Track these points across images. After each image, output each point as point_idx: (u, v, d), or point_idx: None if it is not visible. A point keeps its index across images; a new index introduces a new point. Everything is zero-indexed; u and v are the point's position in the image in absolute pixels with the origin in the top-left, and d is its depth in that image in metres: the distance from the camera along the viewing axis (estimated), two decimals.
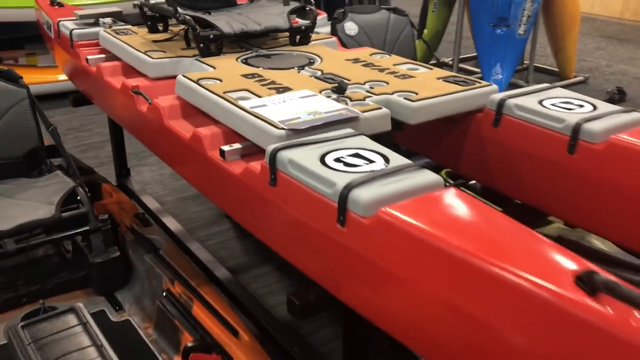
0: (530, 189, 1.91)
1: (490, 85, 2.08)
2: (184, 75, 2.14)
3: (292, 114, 1.75)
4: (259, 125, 1.71)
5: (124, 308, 2.21)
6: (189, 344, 1.77)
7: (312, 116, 1.74)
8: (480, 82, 2.08)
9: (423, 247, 1.22)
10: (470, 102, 2.01)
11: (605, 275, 1.03)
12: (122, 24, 3.03)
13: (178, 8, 2.40)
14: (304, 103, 1.85)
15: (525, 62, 6.47)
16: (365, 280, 1.38)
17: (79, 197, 2.29)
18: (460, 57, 6.17)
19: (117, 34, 2.76)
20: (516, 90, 2.04)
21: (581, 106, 1.90)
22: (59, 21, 3.09)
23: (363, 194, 1.34)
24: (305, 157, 1.52)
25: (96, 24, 3.03)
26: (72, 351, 1.67)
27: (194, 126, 2.01)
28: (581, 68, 6.76)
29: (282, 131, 1.65)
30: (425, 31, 6.15)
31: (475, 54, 6.03)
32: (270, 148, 1.57)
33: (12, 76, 2.50)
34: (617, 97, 1.99)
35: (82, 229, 2.23)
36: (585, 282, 1.03)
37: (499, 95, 1.99)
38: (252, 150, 1.80)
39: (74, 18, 3.08)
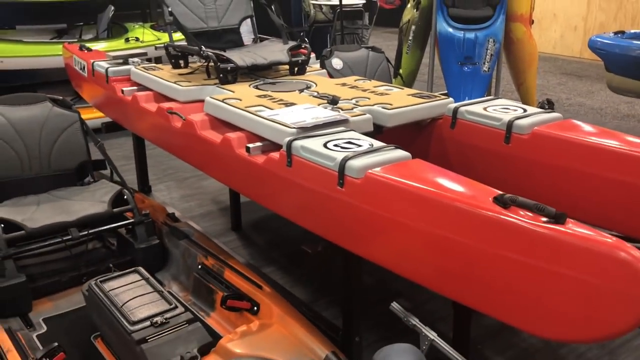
0: (479, 171, 2.51)
1: (448, 97, 2.72)
2: (211, 97, 2.76)
3: (299, 119, 2.36)
4: (276, 127, 2.32)
5: (164, 284, 2.74)
6: (226, 294, 2.33)
7: (314, 120, 2.35)
8: (439, 96, 2.72)
9: (397, 192, 1.82)
10: (433, 110, 2.65)
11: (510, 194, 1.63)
12: (147, 62, 3.66)
13: (202, 46, 3.03)
14: (307, 112, 2.46)
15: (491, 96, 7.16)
16: (359, 224, 1.96)
17: (125, 197, 2.86)
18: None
19: (147, 69, 3.38)
20: (467, 101, 2.68)
21: (515, 110, 2.54)
22: (94, 62, 3.71)
23: (355, 163, 1.94)
24: (312, 144, 2.12)
25: (125, 63, 3.65)
26: (141, 294, 2.19)
27: (221, 134, 2.61)
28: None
29: (294, 129, 2.26)
30: (401, 71, 6.85)
31: (446, 91, 6.72)
32: (286, 139, 2.18)
33: (66, 103, 3.09)
34: (547, 106, 2.62)
35: (130, 221, 2.79)
36: (499, 200, 1.63)
37: (454, 105, 2.63)
38: (269, 148, 2.40)
39: (107, 59, 3.70)
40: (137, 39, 6.50)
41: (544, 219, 1.53)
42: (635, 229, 2.16)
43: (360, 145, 2.10)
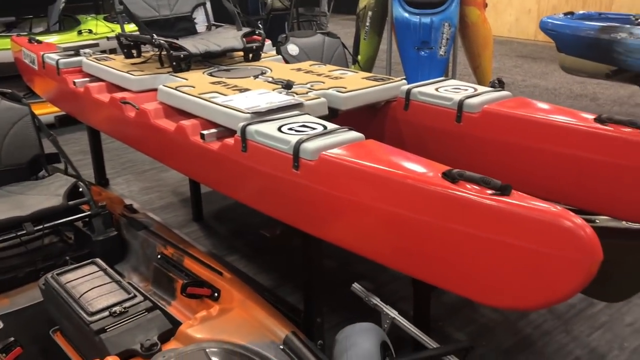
0: (432, 151, 2.56)
1: (401, 80, 2.75)
2: (164, 85, 2.73)
3: (253, 104, 2.36)
4: (230, 112, 2.32)
5: (124, 276, 2.72)
6: (185, 282, 2.32)
7: (268, 104, 2.36)
8: (393, 78, 2.75)
9: (351, 172, 1.85)
10: (386, 92, 2.68)
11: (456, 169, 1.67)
12: (99, 53, 3.60)
13: (154, 35, 2.99)
14: (261, 97, 2.46)
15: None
16: (315, 206, 1.98)
17: (80, 190, 2.81)
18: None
19: (99, 60, 3.33)
20: (419, 83, 2.72)
21: (466, 89, 2.59)
22: (44, 54, 3.63)
23: (309, 145, 1.96)
24: (266, 128, 2.13)
25: (77, 54, 3.58)
26: (99, 285, 2.17)
27: (176, 122, 2.59)
28: None
29: (248, 114, 2.26)
30: (359, 57, 6.88)
31: (404, 76, 6.78)
32: (240, 124, 2.18)
33: (15, 96, 3.02)
34: (497, 85, 2.69)
35: (87, 213, 2.75)
36: (447, 175, 1.67)
37: (407, 86, 2.67)
38: (224, 134, 2.40)
39: (57, 51, 3.62)
40: (90, 31, 6.38)
41: (490, 192, 1.58)
42: (583, 200, 2.23)
43: (314, 128, 2.12)
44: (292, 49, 3.79)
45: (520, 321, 3.03)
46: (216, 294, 2.31)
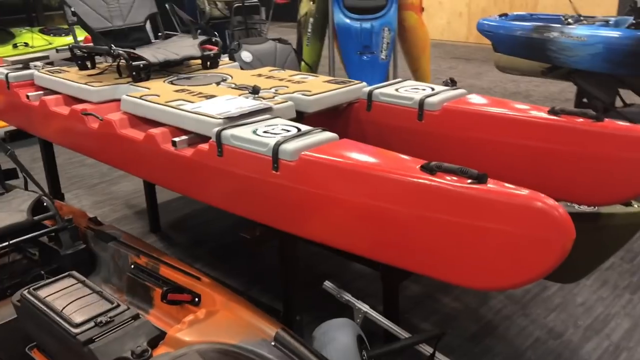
0: (396, 148, 2.65)
1: (362, 82, 2.86)
2: (128, 95, 2.73)
3: (224, 109, 2.41)
4: (201, 119, 2.35)
5: None
6: (165, 288, 2.33)
7: (239, 109, 2.41)
8: (354, 81, 2.85)
9: (333, 170, 1.93)
10: (349, 94, 2.78)
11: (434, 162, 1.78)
12: (50, 66, 3.53)
13: (112, 45, 2.98)
14: (230, 103, 2.51)
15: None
16: (296, 205, 2.05)
17: (45, 204, 2.77)
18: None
19: (52, 73, 3.27)
20: (379, 85, 2.83)
21: (424, 89, 2.72)
22: None
23: (289, 146, 2.02)
24: (242, 132, 2.18)
25: (26, 67, 3.51)
26: (80, 297, 2.15)
27: (142, 131, 2.60)
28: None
29: (220, 120, 2.30)
30: (302, 62, 6.98)
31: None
32: (215, 129, 2.22)
33: None
34: (450, 84, 2.85)
35: (54, 227, 2.71)
36: (425, 168, 1.77)
37: (368, 88, 2.78)
38: (194, 140, 2.43)
39: (5, 64, 3.53)
40: (26, 44, 6.21)
41: (469, 181, 1.69)
42: (541, 187, 2.37)
43: (288, 131, 2.19)
44: (246, 55, 3.85)
45: (481, 308, 3.19)
46: (196, 299, 2.33)
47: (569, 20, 4.76)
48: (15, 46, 6.12)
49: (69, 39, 6.66)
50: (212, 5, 9.45)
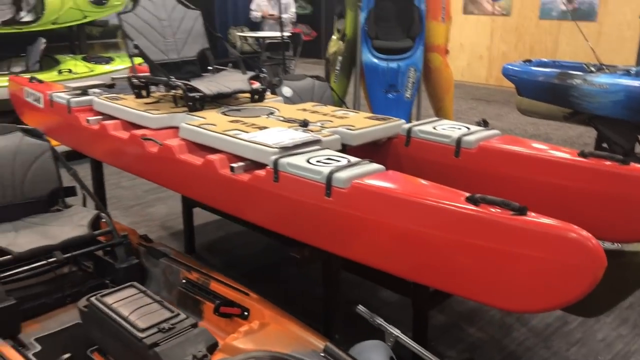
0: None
1: (400, 120, 3.08)
2: (187, 123, 2.97)
3: (278, 140, 2.63)
4: (258, 147, 2.58)
5: None
6: (218, 302, 2.53)
7: (292, 140, 2.63)
8: (393, 118, 3.08)
9: (384, 197, 2.13)
10: (389, 130, 3.00)
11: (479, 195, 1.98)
12: (107, 92, 3.80)
13: (172, 77, 3.24)
14: (282, 134, 2.74)
15: (413, 120, 7.70)
16: (346, 229, 2.25)
17: (104, 220, 2.99)
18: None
19: (111, 99, 3.53)
20: (418, 122, 3.05)
21: (460, 128, 2.94)
22: (52, 93, 3.80)
23: (342, 175, 2.24)
24: (297, 160, 2.40)
25: (84, 93, 3.77)
26: (143, 305, 2.34)
27: (199, 157, 2.83)
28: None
29: (276, 149, 2.53)
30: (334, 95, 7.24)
31: None
32: (272, 157, 2.44)
33: (37, 133, 3.19)
34: (483, 124, 3.08)
35: (112, 242, 2.92)
36: (470, 200, 1.97)
37: (407, 125, 3.00)
38: (250, 167, 2.65)
39: (66, 90, 3.81)
40: (69, 71, 6.53)
41: (510, 212, 1.89)
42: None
43: (338, 161, 2.40)
44: (287, 91, 4.10)
45: (505, 339, 3.34)
46: (245, 313, 2.52)
47: (592, 68, 4.99)
48: (60, 72, 6.43)
49: (108, 67, 7.00)
50: (242, 40, 9.83)
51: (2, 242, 2.72)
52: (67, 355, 2.15)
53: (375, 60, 6.55)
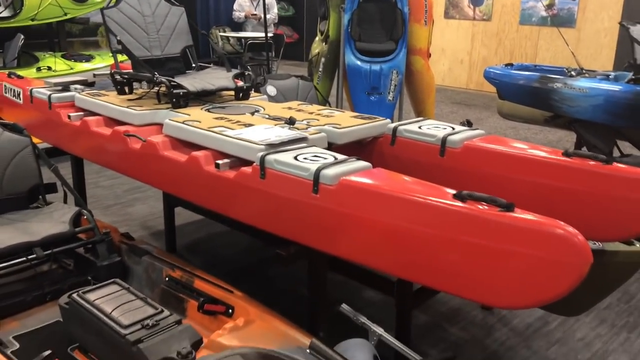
0: None
1: (386, 119, 3.08)
2: (171, 119, 2.94)
3: (264, 137, 2.62)
4: (245, 144, 2.56)
5: None
6: (202, 299, 2.50)
7: (278, 137, 2.62)
8: (379, 118, 3.08)
9: (371, 194, 2.13)
10: (375, 129, 3.01)
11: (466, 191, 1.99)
12: (89, 89, 3.75)
13: (156, 73, 3.20)
14: (268, 131, 2.72)
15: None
16: (333, 226, 2.24)
17: (85, 217, 2.95)
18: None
19: (93, 96, 3.49)
20: (403, 122, 3.06)
21: (445, 128, 2.95)
22: (32, 89, 3.74)
23: (329, 172, 2.23)
24: (284, 157, 2.39)
25: (66, 89, 3.72)
26: (126, 302, 2.30)
27: (182, 153, 2.80)
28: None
29: (263, 146, 2.51)
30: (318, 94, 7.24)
31: None
32: (259, 154, 2.42)
33: (17, 128, 3.13)
34: (466, 124, 3.11)
35: (93, 239, 2.87)
36: (458, 196, 1.98)
37: (393, 124, 3.00)
38: (236, 164, 2.63)
39: (47, 86, 3.75)
40: (49, 68, 6.44)
41: (498, 209, 1.90)
42: None
43: (326, 158, 2.40)
44: (271, 90, 4.09)
45: (487, 339, 3.36)
46: (230, 310, 2.50)
47: (572, 72, 5.06)
48: (39, 69, 6.34)
49: (88, 65, 6.92)
50: (224, 40, 9.79)
51: None
52: (47, 353, 2.11)
53: (358, 63, 6.56)
